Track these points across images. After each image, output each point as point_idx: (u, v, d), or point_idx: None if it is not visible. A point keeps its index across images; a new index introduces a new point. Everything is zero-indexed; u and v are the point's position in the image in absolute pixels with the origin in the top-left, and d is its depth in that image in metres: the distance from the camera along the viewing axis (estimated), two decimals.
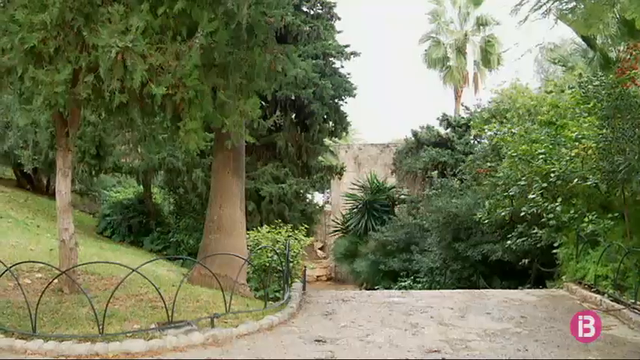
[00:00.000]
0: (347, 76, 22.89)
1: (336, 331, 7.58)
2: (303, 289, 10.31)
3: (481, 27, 36.01)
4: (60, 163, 8.40)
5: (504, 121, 16.91)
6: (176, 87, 6.64)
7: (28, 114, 6.96)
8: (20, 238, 14.21)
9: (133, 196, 26.33)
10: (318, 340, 7.06)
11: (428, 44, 36.86)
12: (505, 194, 13.00)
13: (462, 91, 36.75)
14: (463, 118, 24.88)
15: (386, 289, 17.17)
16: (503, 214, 12.88)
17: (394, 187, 26.10)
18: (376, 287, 18.57)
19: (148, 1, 6.70)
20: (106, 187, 31.61)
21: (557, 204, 11.15)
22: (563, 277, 11.03)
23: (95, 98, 7.57)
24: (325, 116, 22.16)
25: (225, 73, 7.59)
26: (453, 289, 13.50)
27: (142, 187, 25.41)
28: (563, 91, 15.71)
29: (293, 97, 20.17)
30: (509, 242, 12.71)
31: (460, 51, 36.22)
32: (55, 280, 8.21)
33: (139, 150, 21.11)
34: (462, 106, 27.87)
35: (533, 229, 11.91)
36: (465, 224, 15.70)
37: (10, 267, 6.97)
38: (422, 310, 8.90)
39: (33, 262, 8.95)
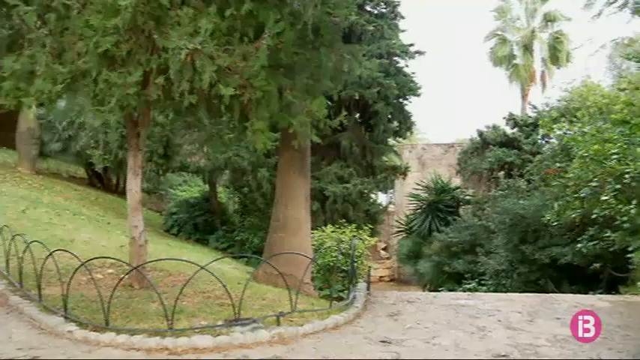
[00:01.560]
0: (411, 75, 22.74)
1: (402, 332, 7.52)
2: (368, 289, 10.25)
3: (549, 23, 35.10)
4: (131, 163, 8.64)
5: (574, 120, 16.40)
6: (244, 87, 6.72)
7: (101, 115, 7.17)
8: (92, 234, 14.66)
9: (198, 195, 26.85)
10: (384, 341, 7.01)
11: (493, 42, 36.22)
12: (575, 196, 12.60)
13: (528, 89, 35.93)
14: (530, 117, 24.31)
15: (450, 291, 16.94)
16: (573, 216, 12.48)
17: (459, 188, 25.72)
18: (440, 289, 18.34)
19: (216, 4, 6.80)
20: (172, 186, 32.32)
21: (631, 206, 10.73)
22: (639, 283, 10.62)
23: (164, 99, 7.75)
24: (390, 116, 22.08)
25: (291, 73, 7.64)
26: (520, 292, 13.19)
27: (207, 186, 25.89)
28: (637, 89, 15.13)
29: (357, 97, 20.14)
30: (579, 245, 12.34)
31: (527, 48, 35.42)
32: (126, 276, 8.47)
33: (205, 150, 21.50)
34: (529, 104, 27.33)
35: (606, 232, 11.52)
36: (532, 226, 15.35)
37: (85, 262, 7.21)
38: (489, 313, 8.73)
39: (105, 257, 9.24)
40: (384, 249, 31.11)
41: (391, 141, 24.66)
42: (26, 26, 7.52)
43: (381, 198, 28.37)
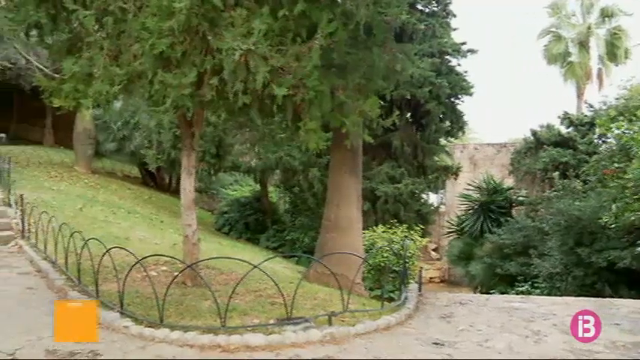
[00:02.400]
0: (464, 74, 22.46)
1: (454, 334, 7.42)
2: (419, 290, 10.17)
3: (606, 19, 34.12)
4: (185, 162, 8.78)
5: (634, 118, 15.92)
6: (296, 88, 6.74)
7: (157, 115, 7.31)
8: (146, 232, 14.96)
9: (249, 195, 27.11)
10: (436, 343, 6.93)
11: (547, 39, 35.46)
12: (635, 197, 12.25)
13: (584, 87, 35.03)
14: (586, 116, 23.71)
15: (502, 293, 16.66)
16: (632, 218, 12.13)
17: (512, 189, 25.28)
18: (491, 291, 18.07)
19: (269, 5, 6.84)
20: (223, 186, 32.74)
21: None
22: None
23: (218, 100, 7.85)
24: (441, 115, 21.88)
25: (344, 73, 7.63)
26: (575, 296, 12.87)
27: (258, 185, 26.11)
28: None
29: (409, 97, 20.00)
30: (639, 249, 11.98)
31: (583, 45, 34.53)
32: (180, 274, 8.61)
33: (257, 149, 21.70)
34: (585, 103, 26.60)
35: None
36: (588, 228, 14.97)
37: (140, 260, 7.36)
38: (544, 316, 8.54)
39: (159, 255, 9.41)
40: (435, 250, 30.85)
41: (443, 141, 24.40)
42: (85, 30, 7.73)
43: (432, 198, 28.11)
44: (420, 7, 22.15)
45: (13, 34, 8.86)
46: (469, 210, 25.22)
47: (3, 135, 36.75)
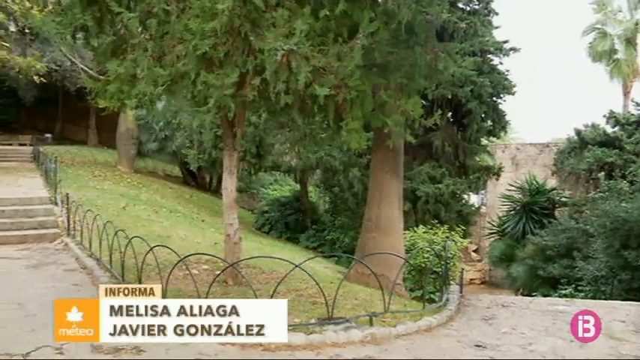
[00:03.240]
0: (506, 73, 22.13)
1: (497, 337, 7.33)
2: (461, 291, 10.08)
3: None
4: (226, 162, 8.86)
5: None
6: (338, 87, 6.73)
7: (200, 116, 7.36)
8: (188, 231, 15.12)
9: (289, 194, 27.23)
10: (478, 345, 6.87)
11: (592, 36, 34.71)
12: None
13: (631, 85, 34.19)
14: (633, 115, 23.18)
15: (544, 296, 16.37)
16: None
17: (555, 189, 24.84)
18: (533, 294, 17.77)
19: (310, 5, 6.84)
20: (263, 185, 32.96)
21: None
22: None
23: (260, 100, 7.89)
24: (483, 115, 21.59)
25: (385, 72, 7.59)
26: (621, 300, 12.57)
27: (298, 185, 26.20)
28: None
29: (450, 96, 19.81)
30: None
31: (630, 42, 33.70)
32: (219, 272, 8.68)
33: (297, 149, 21.78)
34: (632, 101, 25.99)
35: None
36: (635, 230, 14.61)
37: (183, 258, 7.44)
38: None
39: (201, 254, 9.50)
40: (475, 251, 30.52)
41: (484, 140, 24.10)
42: (129, 32, 7.87)
43: (473, 199, 27.81)
44: (461, 5, 21.91)
45: (60, 37, 9.04)
46: (511, 211, 24.88)
47: (49, 135, 37.75)
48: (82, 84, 30.82)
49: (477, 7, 22.28)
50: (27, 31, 31.13)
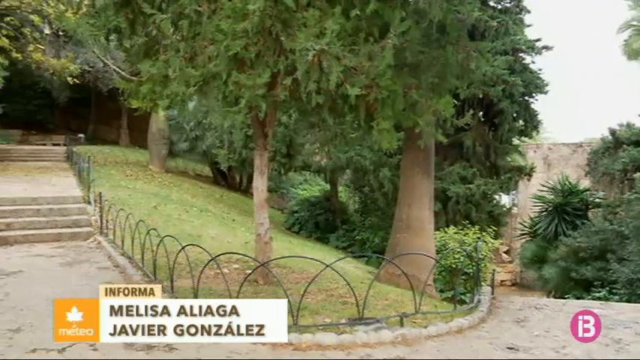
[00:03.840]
0: (538, 71, 21.84)
1: (529, 339, 7.24)
2: (492, 293, 9.98)
3: None
4: (257, 162, 8.90)
5: None
6: (369, 87, 6.71)
7: (231, 116, 7.42)
8: (218, 230, 15.22)
9: (319, 194, 27.26)
10: (510, 348, 6.78)
11: (627, 33, 33.95)
12: None
13: None
14: None
15: (577, 299, 16.10)
16: None
17: (588, 190, 24.44)
18: (566, 296, 17.47)
19: (341, 5, 6.83)
20: (293, 185, 33.04)
21: None
22: None
23: (291, 100, 7.91)
24: (515, 114, 21.35)
25: (416, 72, 7.55)
26: None
27: (328, 185, 26.21)
28: None
29: (481, 96, 19.64)
30: None
31: None
32: (250, 271, 8.71)
33: (327, 149, 21.79)
34: None
35: None
36: None
37: (214, 257, 7.49)
38: (625, 324, 8.20)
39: (232, 253, 9.56)
40: (506, 252, 30.21)
41: (516, 140, 23.82)
42: (161, 33, 7.94)
43: (504, 199, 27.52)
44: (492, 3, 21.68)
45: (94, 39, 9.17)
46: (543, 212, 24.53)
47: (82, 135, 38.33)
48: (114, 85, 31.33)
49: (508, 5, 22.04)
50: (61, 33, 31.65)
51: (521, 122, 22.29)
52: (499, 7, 21.90)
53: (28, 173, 21.80)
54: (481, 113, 21.16)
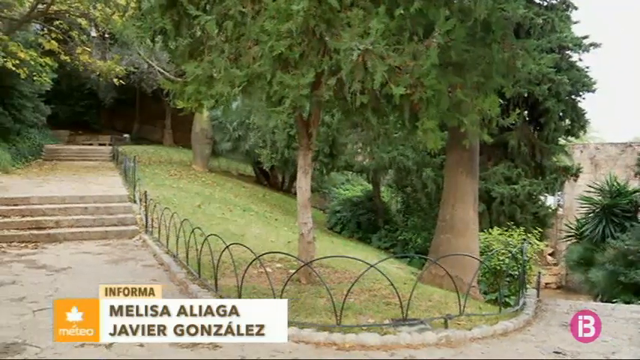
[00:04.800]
0: (585, 69, 21.35)
1: (577, 344, 7.05)
2: (537, 296, 9.82)
3: None
4: (301, 162, 8.93)
5: None
6: (414, 87, 6.66)
7: (276, 115, 7.45)
8: (261, 229, 15.32)
9: (361, 194, 27.19)
10: (557, 352, 6.64)
11: None
12: None
13: None
14: None
15: (626, 303, 15.69)
16: None
17: (638, 191, 23.80)
18: (614, 300, 17.02)
19: (385, 4, 6.79)
20: (335, 185, 33.04)
21: None
22: None
23: (335, 100, 7.91)
24: (561, 114, 20.93)
25: (461, 71, 7.46)
26: None
27: (370, 185, 26.14)
28: None
29: (526, 94, 19.31)
30: None
31: None
32: (293, 270, 8.74)
33: (370, 149, 21.76)
34: None
35: None
36: None
37: (259, 256, 7.55)
38: None
39: (275, 252, 9.63)
40: (551, 254, 29.67)
41: (562, 140, 23.34)
42: (206, 34, 8.04)
43: (550, 200, 27.01)
44: (538, 0, 21.28)
45: (140, 41, 9.33)
46: (589, 213, 23.97)
47: (127, 135, 39.08)
48: (158, 86, 31.92)
49: (554, 1, 21.59)
50: (106, 36, 32.32)
51: (567, 121, 21.83)
52: (545, 3, 21.47)
53: (76, 172, 22.32)
54: (526, 112, 20.79)
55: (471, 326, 7.17)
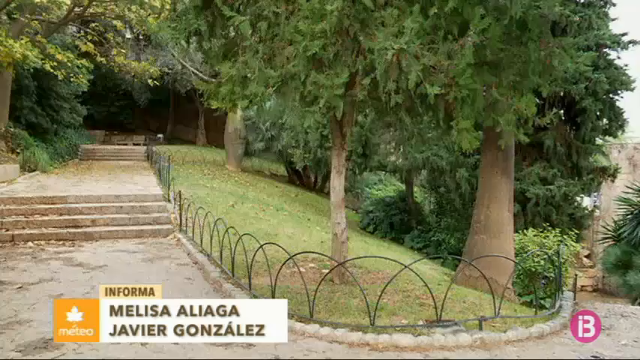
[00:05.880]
0: (624, 67, 20.88)
1: (616, 348, 6.92)
2: (574, 299, 9.64)
3: None
4: (335, 162, 8.91)
5: None
6: (449, 86, 6.60)
7: (310, 116, 7.45)
8: (294, 229, 15.34)
9: (394, 194, 27.13)
10: (595, 357, 6.51)
11: None
12: None
13: None
14: None
15: None
16: None
17: None
18: None
19: (419, 3, 6.75)
20: (367, 185, 32.99)
21: None
22: None
23: (369, 99, 7.89)
24: (598, 113, 20.51)
25: (497, 70, 7.37)
26: None
27: (403, 185, 26.04)
28: None
29: (562, 94, 19.00)
30: None
31: None
32: (326, 270, 8.72)
33: (403, 149, 21.68)
34: None
35: None
36: None
37: (293, 256, 7.56)
38: None
39: (309, 252, 9.64)
40: (587, 256, 29.14)
41: (599, 140, 22.90)
42: (240, 35, 8.08)
43: (586, 201, 26.53)
44: None
45: (175, 42, 9.41)
46: (628, 215, 23.45)
47: (160, 135, 39.56)
48: (192, 86, 32.27)
49: None
50: (141, 37, 32.78)
51: (605, 121, 21.40)
52: (582, 0, 21.10)
53: (111, 172, 22.65)
54: (562, 112, 20.45)
55: (505, 328, 7.07)
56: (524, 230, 13.97)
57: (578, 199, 21.76)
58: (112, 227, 12.95)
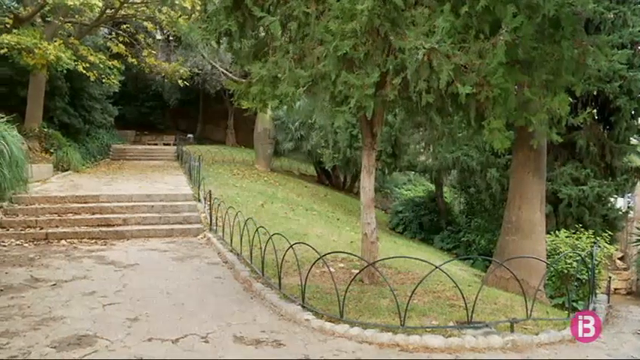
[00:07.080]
0: None
1: None
2: (608, 301, 9.49)
3: None
4: (365, 162, 8.89)
5: None
6: (480, 85, 6.53)
7: (340, 115, 7.44)
8: (323, 229, 15.33)
9: (423, 194, 26.98)
10: None
11: None
12: None
13: None
14: None
15: None
16: None
17: None
18: None
19: (450, 2, 6.69)
20: (397, 185, 32.88)
21: None
22: None
23: (400, 99, 7.85)
24: (633, 112, 20.11)
25: (529, 69, 7.27)
26: None
27: (433, 185, 25.89)
28: None
29: (595, 92, 18.67)
30: None
31: None
32: (355, 270, 8.70)
33: (434, 149, 21.56)
34: None
35: None
36: None
37: (323, 256, 7.57)
38: None
39: (338, 252, 9.63)
40: (621, 258, 28.63)
41: (634, 140, 22.46)
42: (270, 35, 8.10)
43: (620, 202, 26.07)
44: None
45: (205, 43, 9.49)
46: None
47: (190, 135, 39.91)
48: (221, 86, 32.49)
49: None
50: (171, 38, 33.10)
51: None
52: None
53: (142, 171, 22.92)
54: (595, 111, 20.10)
55: (538, 331, 6.98)
56: (557, 231, 13.77)
57: (612, 200, 21.38)
58: (143, 226, 13.09)
